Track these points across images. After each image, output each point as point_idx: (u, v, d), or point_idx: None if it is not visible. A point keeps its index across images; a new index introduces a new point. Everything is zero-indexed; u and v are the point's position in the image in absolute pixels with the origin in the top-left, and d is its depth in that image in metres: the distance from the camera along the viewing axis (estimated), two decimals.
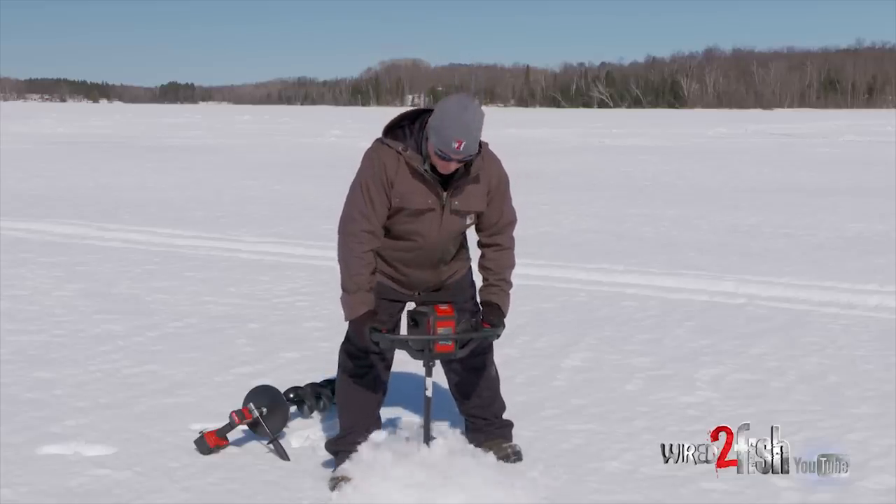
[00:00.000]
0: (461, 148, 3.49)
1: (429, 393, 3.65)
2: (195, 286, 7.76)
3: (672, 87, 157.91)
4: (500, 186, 3.78)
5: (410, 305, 3.95)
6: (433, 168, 3.60)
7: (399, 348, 3.72)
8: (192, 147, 29.65)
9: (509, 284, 3.85)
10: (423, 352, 3.61)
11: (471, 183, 3.68)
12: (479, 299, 3.87)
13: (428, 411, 3.66)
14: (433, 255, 3.77)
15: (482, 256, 3.85)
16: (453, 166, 3.59)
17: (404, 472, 3.51)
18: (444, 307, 3.63)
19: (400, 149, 3.62)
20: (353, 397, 3.90)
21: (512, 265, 3.86)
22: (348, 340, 3.86)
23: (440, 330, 3.57)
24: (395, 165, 3.62)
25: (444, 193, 3.65)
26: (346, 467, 3.68)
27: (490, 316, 3.78)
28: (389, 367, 3.95)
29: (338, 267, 3.73)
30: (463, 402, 4.08)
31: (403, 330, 3.87)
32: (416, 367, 4.28)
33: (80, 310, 6.85)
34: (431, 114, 3.59)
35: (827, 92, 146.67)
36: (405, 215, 3.67)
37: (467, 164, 3.64)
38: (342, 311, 3.71)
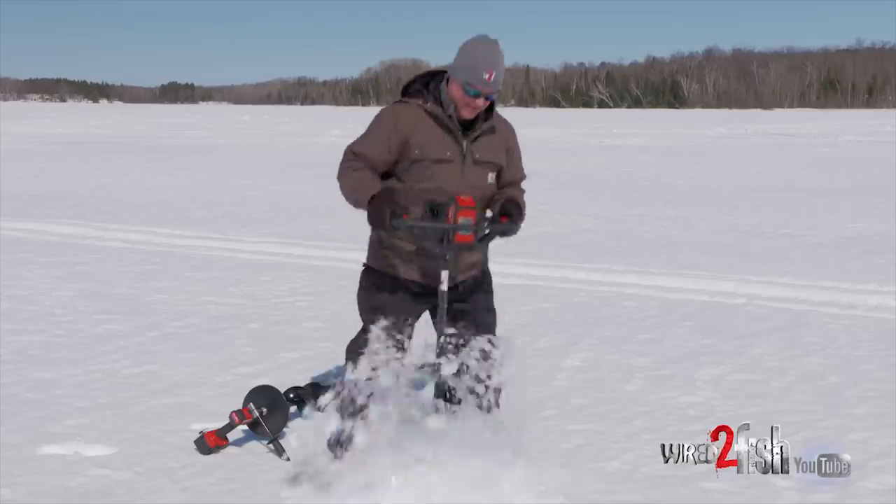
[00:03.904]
0: (492, 79, 3.59)
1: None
2: (195, 286, 7.76)
3: (672, 87, 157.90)
4: (516, 142, 3.90)
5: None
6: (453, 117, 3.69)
7: (418, 236, 3.65)
8: (192, 147, 29.65)
9: (523, 202, 3.82)
10: (442, 242, 3.58)
11: (489, 133, 3.76)
12: (495, 206, 3.79)
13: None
14: None
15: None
16: (481, 103, 3.65)
17: (402, 469, 3.52)
18: (465, 197, 3.59)
19: (420, 102, 3.71)
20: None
21: (524, 202, 3.85)
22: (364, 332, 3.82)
23: (461, 220, 3.54)
24: (414, 118, 3.68)
25: (465, 142, 3.70)
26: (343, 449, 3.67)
27: (509, 207, 3.72)
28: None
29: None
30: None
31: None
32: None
33: (80, 310, 6.85)
34: (443, 74, 3.72)
35: (827, 92, 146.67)
36: (424, 167, 3.67)
37: (488, 113, 3.74)
38: (365, 213, 3.59)
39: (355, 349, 3.88)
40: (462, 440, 3.78)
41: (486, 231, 3.69)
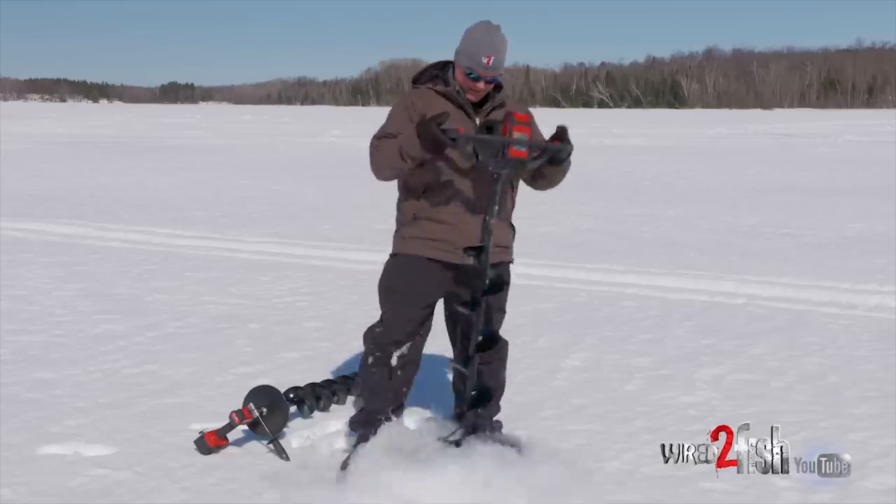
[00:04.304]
0: (490, 63, 3.64)
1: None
2: (195, 286, 7.76)
3: (672, 87, 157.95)
4: (532, 117, 3.87)
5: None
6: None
7: (467, 152, 3.61)
8: (192, 147, 29.64)
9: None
10: (496, 156, 3.59)
11: (500, 107, 3.81)
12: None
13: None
14: (478, 191, 3.73)
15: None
16: (482, 86, 3.70)
17: (401, 469, 3.52)
18: (521, 114, 3.64)
19: (429, 85, 3.80)
20: (376, 383, 3.92)
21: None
22: (381, 323, 3.90)
23: (516, 135, 3.56)
24: (427, 98, 3.76)
25: (478, 118, 3.77)
26: (359, 451, 3.72)
27: (560, 133, 3.76)
28: (416, 362, 3.95)
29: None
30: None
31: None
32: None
33: (80, 310, 6.84)
34: (451, 63, 3.79)
35: (827, 92, 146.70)
36: None
37: (497, 90, 3.79)
38: (410, 150, 3.59)
39: (370, 345, 3.94)
40: (462, 441, 3.79)
41: (541, 150, 3.69)
